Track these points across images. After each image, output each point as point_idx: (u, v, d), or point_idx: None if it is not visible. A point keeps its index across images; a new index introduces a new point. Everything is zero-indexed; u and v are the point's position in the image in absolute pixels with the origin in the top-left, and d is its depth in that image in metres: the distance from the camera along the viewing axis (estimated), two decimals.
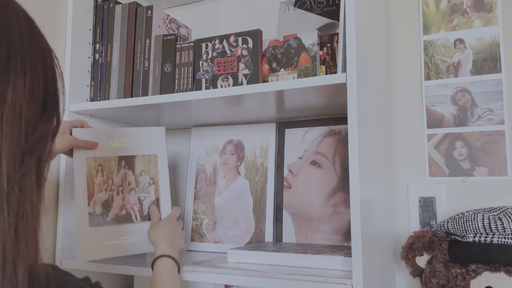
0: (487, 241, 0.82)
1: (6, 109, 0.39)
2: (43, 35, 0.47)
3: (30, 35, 0.44)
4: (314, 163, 1.14)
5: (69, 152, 0.97)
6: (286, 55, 1.00)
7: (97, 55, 1.19)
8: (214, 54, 1.06)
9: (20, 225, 0.40)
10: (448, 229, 0.89)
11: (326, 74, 0.99)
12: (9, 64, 0.41)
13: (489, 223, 0.82)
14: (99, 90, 1.18)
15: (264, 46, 1.03)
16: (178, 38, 1.13)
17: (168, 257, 0.88)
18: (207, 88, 1.06)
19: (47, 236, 1.10)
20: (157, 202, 1.05)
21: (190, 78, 1.08)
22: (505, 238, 0.81)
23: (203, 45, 1.07)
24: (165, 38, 1.13)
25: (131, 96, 1.13)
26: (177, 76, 1.10)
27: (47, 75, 0.45)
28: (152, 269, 0.88)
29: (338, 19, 1.09)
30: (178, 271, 0.89)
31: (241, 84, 1.02)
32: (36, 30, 0.46)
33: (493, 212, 0.88)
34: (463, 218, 0.85)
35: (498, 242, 0.81)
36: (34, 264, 0.43)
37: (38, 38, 0.46)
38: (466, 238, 0.84)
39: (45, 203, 0.46)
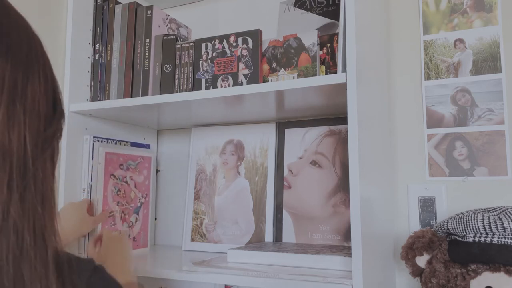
0: (487, 241, 0.82)
1: (28, 102, 0.46)
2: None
3: (39, 43, 0.51)
4: (314, 163, 1.14)
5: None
6: (286, 55, 1.00)
7: (97, 55, 1.19)
8: (214, 54, 1.06)
9: (46, 204, 0.46)
10: (448, 229, 0.89)
11: (326, 74, 0.99)
12: (28, 63, 0.47)
13: (489, 223, 0.82)
14: (99, 90, 1.18)
15: (264, 46, 1.03)
16: (178, 38, 1.13)
17: None
18: (207, 88, 1.06)
19: None
20: None
21: (190, 78, 1.08)
22: (505, 238, 0.81)
23: (203, 45, 1.07)
24: (165, 38, 1.13)
25: (131, 96, 1.13)
26: (177, 76, 1.10)
27: (54, 83, 0.52)
28: None
29: (338, 19, 1.09)
30: None
31: (241, 84, 1.02)
32: (39, 39, 0.52)
33: (493, 212, 0.88)
34: (463, 218, 0.85)
35: (498, 242, 0.81)
36: (55, 244, 0.48)
37: (42, 46, 0.52)
38: (466, 238, 0.84)
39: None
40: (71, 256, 0.52)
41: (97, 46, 1.19)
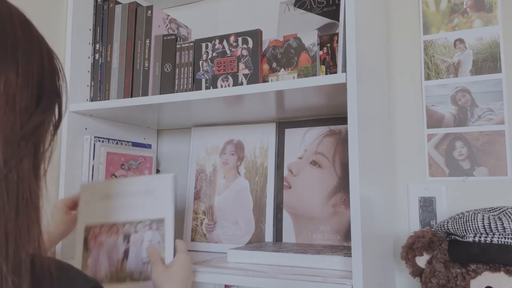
0: (487, 241, 0.82)
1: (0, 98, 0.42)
2: (40, 35, 0.49)
3: (24, 32, 0.46)
4: (314, 163, 1.14)
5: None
6: (286, 55, 1.00)
7: (97, 55, 1.19)
8: (214, 54, 1.06)
9: (21, 208, 0.42)
10: (448, 229, 0.89)
11: (326, 74, 0.99)
12: (0, 55, 0.43)
13: (489, 223, 0.82)
14: (99, 90, 1.18)
15: (264, 46, 1.03)
16: (178, 38, 1.13)
17: None
18: (207, 88, 1.06)
19: None
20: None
21: (190, 78, 1.08)
22: (505, 238, 0.81)
23: (203, 45, 1.07)
24: (165, 38, 1.13)
25: (131, 96, 1.13)
26: (177, 76, 1.10)
27: (43, 70, 0.47)
28: None
29: (338, 19, 1.09)
30: None
31: (241, 84, 1.02)
32: (31, 28, 0.48)
33: (493, 212, 0.88)
34: (463, 218, 0.85)
35: (498, 242, 0.81)
36: (38, 252, 0.44)
37: (34, 36, 0.48)
38: (466, 238, 0.84)
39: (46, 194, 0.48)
40: (53, 271, 0.46)
41: (97, 46, 1.19)
